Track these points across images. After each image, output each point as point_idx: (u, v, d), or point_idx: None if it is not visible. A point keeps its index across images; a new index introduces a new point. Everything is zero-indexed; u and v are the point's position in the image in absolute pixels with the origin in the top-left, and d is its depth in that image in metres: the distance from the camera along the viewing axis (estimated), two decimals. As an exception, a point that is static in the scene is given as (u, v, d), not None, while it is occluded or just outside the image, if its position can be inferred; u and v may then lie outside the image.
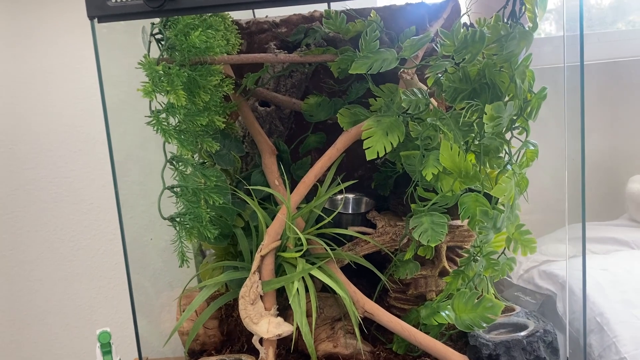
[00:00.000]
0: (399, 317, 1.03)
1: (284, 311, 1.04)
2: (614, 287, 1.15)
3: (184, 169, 0.98)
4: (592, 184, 0.97)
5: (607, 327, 1.05)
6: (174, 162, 0.98)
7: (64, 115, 1.48)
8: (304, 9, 1.21)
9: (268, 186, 1.10)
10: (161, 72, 0.90)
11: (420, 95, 0.96)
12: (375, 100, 1.08)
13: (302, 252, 1.02)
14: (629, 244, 1.39)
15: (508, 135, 0.93)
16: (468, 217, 0.91)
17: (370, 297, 1.05)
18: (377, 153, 0.95)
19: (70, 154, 1.49)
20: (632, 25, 1.79)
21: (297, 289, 0.98)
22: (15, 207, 1.50)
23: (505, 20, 0.91)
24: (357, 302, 1.03)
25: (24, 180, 1.49)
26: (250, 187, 1.09)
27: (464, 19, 1.11)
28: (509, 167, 0.93)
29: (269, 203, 1.12)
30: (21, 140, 1.49)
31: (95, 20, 0.82)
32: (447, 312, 1.00)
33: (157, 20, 0.95)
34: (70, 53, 1.46)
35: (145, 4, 0.77)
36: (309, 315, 1.00)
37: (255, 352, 1.02)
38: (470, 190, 0.92)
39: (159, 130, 0.92)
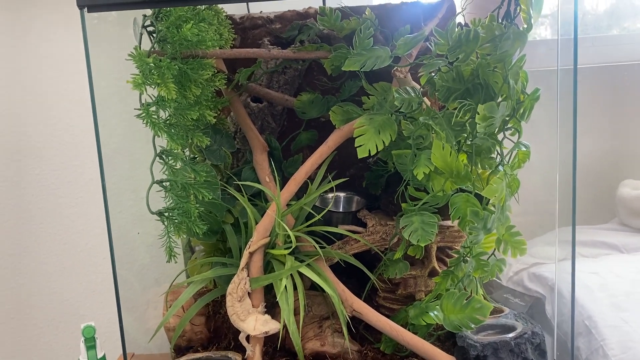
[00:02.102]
0: (387, 316, 1.03)
1: (272, 309, 1.03)
2: (603, 290, 1.16)
3: (173, 164, 0.97)
4: (583, 187, 0.97)
5: (595, 330, 1.05)
6: (163, 156, 0.97)
7: (52, 107, 1.47)
8: (299, 5, 1.20)
9: (259, 183, 1.09)
10: (152, 64, 0.89)
11: (413, 94, 0.96)
12: (368, 98, 1.08)
13: (291, 250, 1.01)
14: (618, 248, 1.39)
15: (500, 136, 0.93)
16: (459, 218, 0.91)
17: (359, 296, 1.05)
18: (369, 151, 0.94)
19: (58, 146, 1.47)
20: (627, 31, 1.80)
21: (285, 287, 0.98)
22: (0, 200, 1.49)
23: (500, 20, 0.90)
24: (346, 300, 1.03)
25: (11, 172, 1.48)
26: (240, 183, 1.08)
27: (459, 19, 1.10)
28: (500, 168, 0.92)
29: (259, 200, 1.11)
30: (8, 132, 1.47)
31: (85, 9, 0.80)
32: (435, 312, 1.00)
33: (149, 12, 0.94)
34: (59, 43, 1.44)
35: (136, -6, 0.76)
36: (296, 313, 1.00)
37: (242, 350, 1.01)
38: (462, 190, 0.92)
39: (149, 124, 0.91)
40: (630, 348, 1.00)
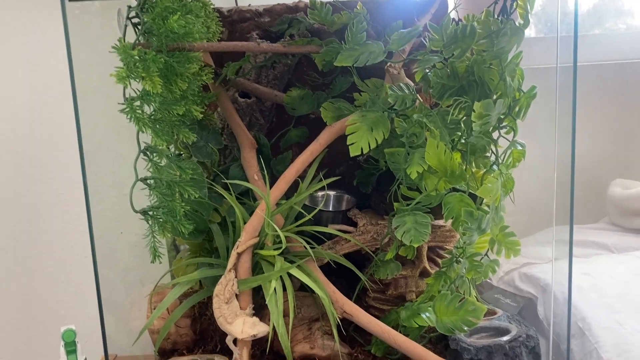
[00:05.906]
0: (377, 317, 1.01)
1: (260, 310, 1.00)
2: (595, 291, 1.15)
3: (158, 160, 0.94)
4: (574, 186, 0.96)
5: (589, 332, 1.04)
6: (147, 152, 0.93)
7: (32, 101, 1.42)
8: (288, -2, 1.17)
9: (247, 181, 1.06)
10: (136, 57, 0.85)
11: (407, 91, 0.93)
12: (360, 95, 1.05)
13: (280, 250, 0.98)
14: (609, 247, 1.39)
15: (495, 135, 0.91)
16: (452, 218, 0.89)
17: (349, 297, 1.02)
18: (361, 149, 0.92)
19: (39, 142, 1.43)
20: (609, 31, 1.81)
21: (275, 289, 0.95)
22: (-20, 196, 1.44)
23: (496, 16, 0.88)
24: (336, 302, 1.00)
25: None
26: (228, 181, 1.05)
27: (452, 15, 1.08)
28: (495, 167, 0.90)
29: (247, 198, 1.08)
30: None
31: (66, -2, 0.77)
32: (427, 314, 0.98)
33: (134, 2, 0.91)
34: (39, 34, 1.40)
35: (120, -17, 0.73)
36: (285, 315, 0.97)
37: (229, 353, 0.99)
38: (455, 190, 0.90)
39: (133, 119, 0.88)
40: (625, 351, 0.99)
